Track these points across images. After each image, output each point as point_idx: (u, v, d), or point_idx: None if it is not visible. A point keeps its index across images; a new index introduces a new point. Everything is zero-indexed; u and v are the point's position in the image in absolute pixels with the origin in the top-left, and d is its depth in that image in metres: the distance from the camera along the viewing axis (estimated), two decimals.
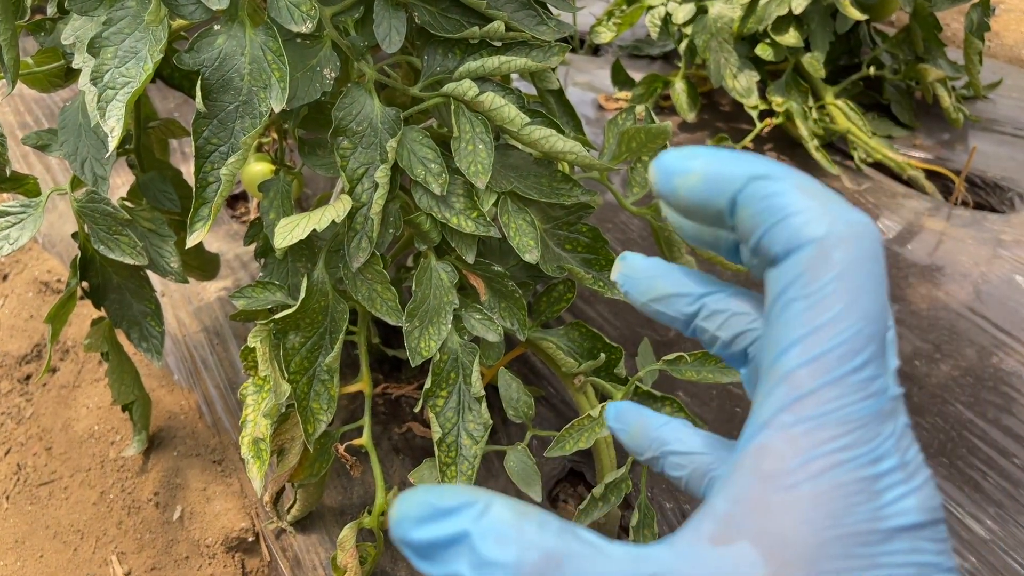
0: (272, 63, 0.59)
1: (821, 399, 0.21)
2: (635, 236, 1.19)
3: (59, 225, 1.25)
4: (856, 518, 0.21)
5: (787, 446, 0.21)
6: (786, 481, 0.21)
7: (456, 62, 0.67)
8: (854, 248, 0.22)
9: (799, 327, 0.22)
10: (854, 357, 0.21)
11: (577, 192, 0.71)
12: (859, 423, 0.21)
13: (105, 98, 0.58)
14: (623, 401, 0.32)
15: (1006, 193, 1.27)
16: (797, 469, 0.21)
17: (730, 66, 1.31)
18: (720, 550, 0.21)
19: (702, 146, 0.25)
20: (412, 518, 0.20)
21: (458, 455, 0.67)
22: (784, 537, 0.20)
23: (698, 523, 0.22)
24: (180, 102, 1.56)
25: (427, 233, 0.68)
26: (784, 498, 0.21)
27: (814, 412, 0.21)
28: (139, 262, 0.73)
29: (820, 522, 0.20)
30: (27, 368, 1.05)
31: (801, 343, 0.22)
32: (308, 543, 0.81)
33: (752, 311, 0.28)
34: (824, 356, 0.21)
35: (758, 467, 0.21)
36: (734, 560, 0.20)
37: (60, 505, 0.89)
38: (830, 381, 0.21)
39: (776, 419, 0.22)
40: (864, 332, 0.22)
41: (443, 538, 0.20)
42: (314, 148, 0.72)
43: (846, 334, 0.21)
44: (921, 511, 0.21)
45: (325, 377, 0.68)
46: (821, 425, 0.21)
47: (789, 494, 0.21)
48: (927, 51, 1.39)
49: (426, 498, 0.20)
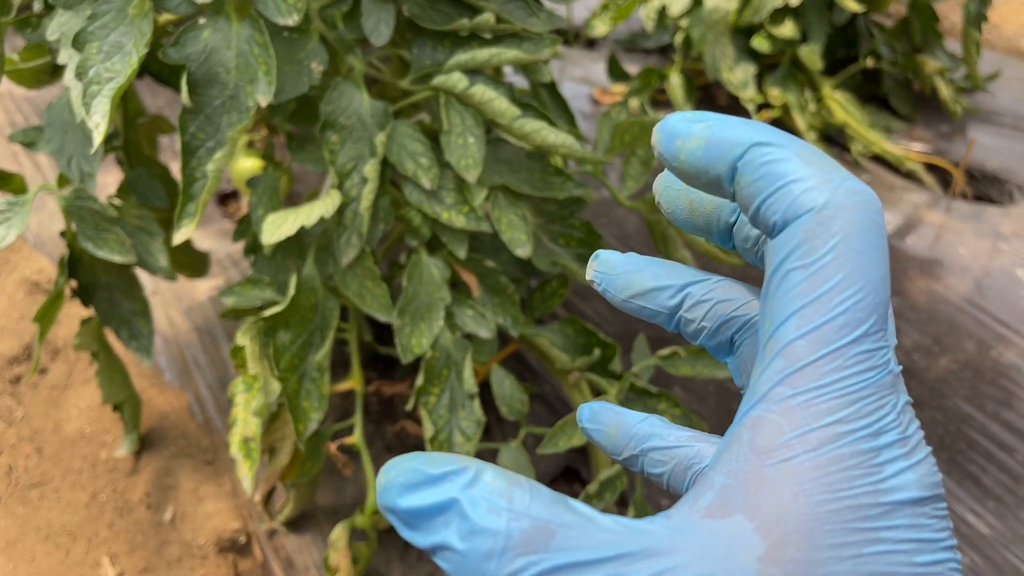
0: (259, 57, 0.58)
1: (820, 371, 0.21)
2: (631, 231, 1.18)
3: (49, 224, 1.24)
4: (855, 491, 0.20)
5: (784, 419, 0.21)
6: (783, 454, 0.20)
7: (446, 55, 0.66)
8: (855, 217, 0.21)
9: (797, 298, 0.21)
10: (855, 328, 0.21)
11: (570, 186, 0.70)
12: (859, 395, 0.21)
13: (90, 93, 0.57)
14: (596, 401, 0.31)
15: (1005, 185, 1.26)
16: (794, 442, 0.20)
17: (726, 59, 1.30)
18: (715, 524, 0.20)
19: (709, 111, 0.24)
20: (399, 485, 0.19)
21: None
22: (781, 511, 0.20)
23: (694, 497, 0.21)
24: (170, 99, 1.55)
25: (417, 228, 0.67)
26: (781, 471, 0.20)
27: (812, 384, 0.21)
28: (127, 260, 0.72)
29: (818, 496, 0.20)
30: (17, 369, 1.04)
31: (799, 314, 0.21)
32: (301, 543, 0.80)
33: (738, 297, 0.27)
34: (823, 327, 0.21)
35: (754, 440, 0.21)
36: (729, 534, 0.20)
37: (51, 507, 0.88)
38: (829, 352, 0.21)
39: (773, 392, 0.21)
40: (865, 302, 0.21)
41: (431, 506, 0.19)
42: (303, 143, 0.71)
43: (846, 304, 0.21)
44: (922, 486, 0.21)
45: (316, 375, 0.67)
46: (820, 397, 0.21)
47: (786, 467, 0.20)
48: (925, 42, 1.38)
49: (413, 464, 0.20)
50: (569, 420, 0.67)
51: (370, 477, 0.69)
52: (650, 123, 0.74)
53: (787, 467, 0.20)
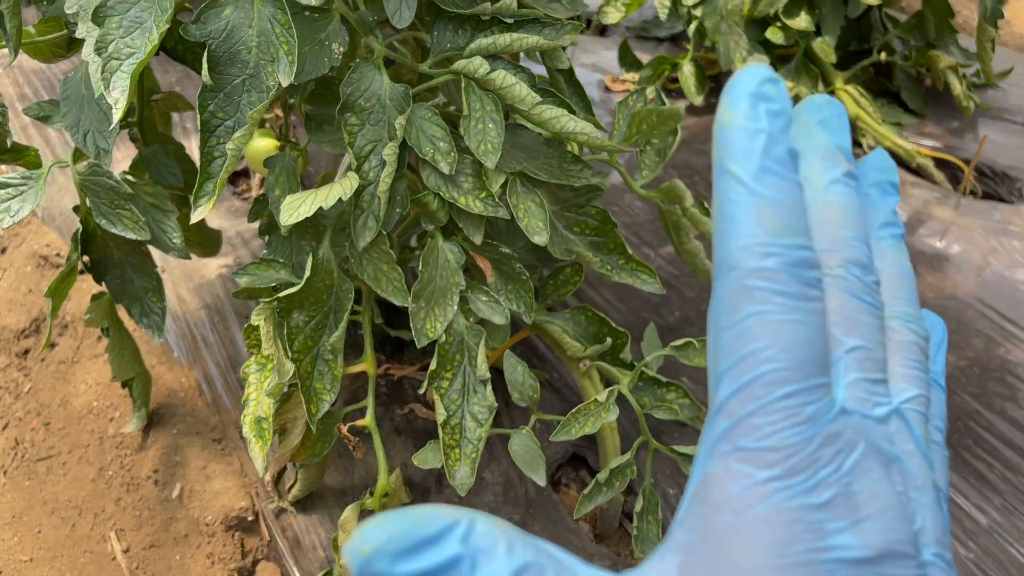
0: (280, 36, 0.57)
1: (752, 426, 0.21)
2: (642, 219, 1.18)
3: (58, 199, 1.24)
4: (799, 548, 0.20)
5: (727, 474, 0.21)
6: (731, 509, 0.21)
7: (466, 39, 0.66)
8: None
9: (727, 357, 0.22)
10: (781, 385, 0.21)
11: (587, 174, 0.70)
12: (791, 451, 0.21)
13: (109, 69, 0.56)
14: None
15: (1015, 183, 1.26)
16: (737, 497, 0.21)
17: (740, 49, 1.30)
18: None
19: None
20: (391, 552, 0.19)
21: (462, 437, 0.67)
22: (737, 568, 0.20)
23: (662, 555, 0.22)
24: (181, 75, 1.54)
25: (434, 213, 0.67)
26: (732, 527, 0.21)
27: (746, 441, 0.21)
28: (141, 237, 0.72)
29: (765, 551, 0.20)
30: (25, 343, 1.05)
31: (729, 373, 0.22)
32: (308, 523, 0.80)
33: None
34: (749, 385, 0.21)
35: (707, 496, 0.21)
36: None
37: (58, 481, 0.88)
38: (757, 409, 0.21)
39: (716, 448, 0.22)
40: (788, 361, 0.21)
41: (435, 566, 0.19)
42: (320, 124, 0.70)
43: (769, 365, 0.21)
44: (867, 547, 0.21)
45: (329, 357, 0.67)
46: (755, 453, 0.21)
47: (735, 522, 0.21)
48: (939, 37, 1.38)
49: (401, 527, 0.19)
50: (581, 408, 0.67)
51: (381, 459, 0.70)
52: (667, 112, 0.74)
53: (736, 523, 0.21)
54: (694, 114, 1.43)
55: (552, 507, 0.81)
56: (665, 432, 0.87)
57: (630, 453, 0.69)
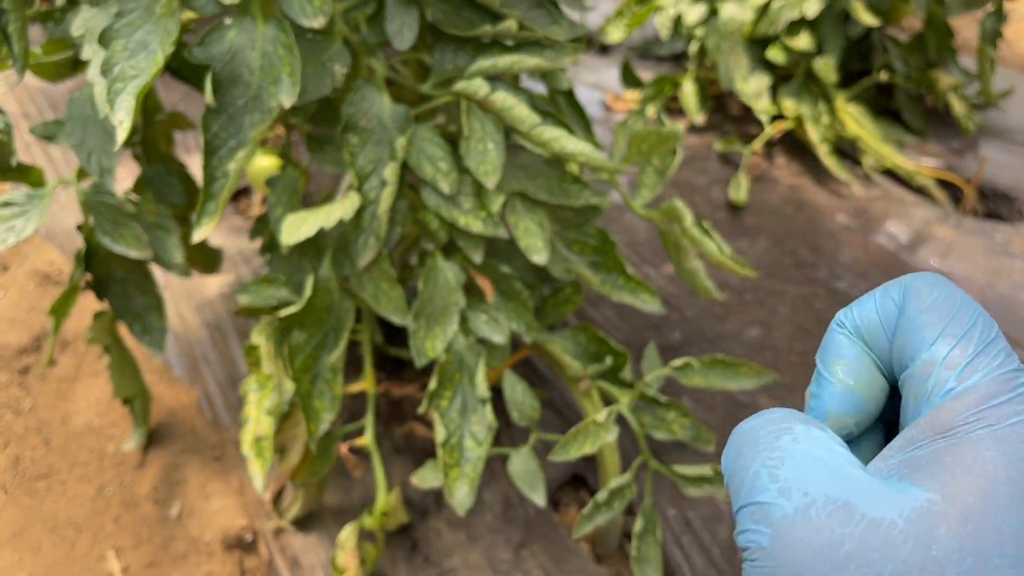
0: (283, 58, 0.58)
1: (977, 366, 0.25)
2: (641, 239, 1.18)
3: (60, 217, 1.25)
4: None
5: (959, 404, 0.24)
6: (963, 431, 0.24)
7: (467, 60, 0.66)
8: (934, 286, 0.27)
9: (933, 329, 0.26)
10: (988, 332, 0.25)
11: (587, 194, 0.71)
12: (1015, 382, 0.25)
13: (114, 90, 0.57)
14: None
15: (1015, 203, 1.27)
16: (972, 419, 0.24)
17: (741, 69, 1.30)
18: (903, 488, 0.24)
19: None
20: None
21: (462, 457, 0.66)
22: (964, 485, 0.23)
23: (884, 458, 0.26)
24: (184, 95, 1.55)
25: (435, 232, 0.67)
26: (963, 445, 0.24)
27: (974, 378, 0.25)
28: (144, 255, 0.72)
29: (996, 460, 0.23)
30: (26, 360, 1.05)
31: (942, 336, 0.26)
32: (307, 543, 0.80)
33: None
34: (966, 336, 0.25)
35: (933, 422, 0.25)
36: (916, 499, 0.24)
37: (58, 499, 0.88)
38: (978, 352, 0.25)
39: (943, 391, 0.25)
40: (978, 320, 0.26)
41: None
42: (322, 144, 0.71)
43: (969, 322, 0.25)
44: None
45: (329, 376, 0.67)
46: (985, 384, 0.24)
47: (967, 439, 0.24)
48: (939, 58, 1.38)
49: None
50: (581, 428, 0.67)
51: (380, 479, 0.69)
52: (667, 133, 0.74)
53: (968, 440, 0.24)
54: (695, 133, 1.44)
55: (552, 527, 0.81)
56: (665, 452, 0.87)
57: (630, 473, 0.69)
